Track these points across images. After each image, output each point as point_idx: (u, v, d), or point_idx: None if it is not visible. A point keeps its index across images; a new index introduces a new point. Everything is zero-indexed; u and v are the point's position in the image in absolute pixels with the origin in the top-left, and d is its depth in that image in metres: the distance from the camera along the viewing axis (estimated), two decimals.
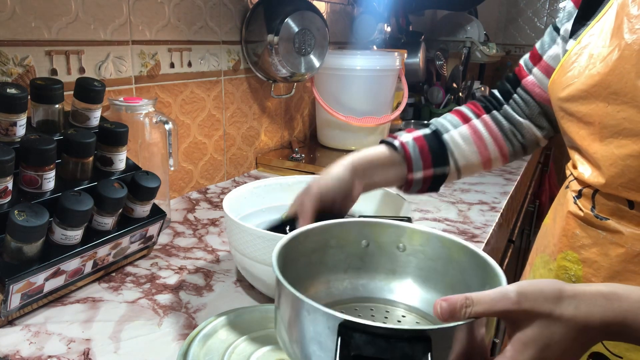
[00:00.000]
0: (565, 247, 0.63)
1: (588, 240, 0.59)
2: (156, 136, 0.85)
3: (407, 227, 0.55)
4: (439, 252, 0.53)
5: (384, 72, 1.35)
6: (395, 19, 1.91)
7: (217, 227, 0.92)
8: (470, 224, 0.96)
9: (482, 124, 0.71)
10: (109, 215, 0.67)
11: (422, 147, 0.67)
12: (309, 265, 0.53)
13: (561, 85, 0.58)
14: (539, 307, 0.37)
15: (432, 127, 0.71)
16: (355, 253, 0.55)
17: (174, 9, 0.97)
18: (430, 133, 0.69)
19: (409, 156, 0.67)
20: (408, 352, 0.35)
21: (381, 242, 0.55)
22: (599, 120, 0.54)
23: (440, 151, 0.68)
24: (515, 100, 0.71)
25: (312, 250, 0.53)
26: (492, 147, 0.71)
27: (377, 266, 0.56)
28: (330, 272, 0.55)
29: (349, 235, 0.55)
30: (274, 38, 1.12)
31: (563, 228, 0.63)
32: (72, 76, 0.81)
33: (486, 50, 2.12)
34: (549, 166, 2.58)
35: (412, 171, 0.67)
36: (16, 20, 0.73)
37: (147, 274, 0.74)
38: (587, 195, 0.59)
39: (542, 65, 0.68)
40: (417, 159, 0.67)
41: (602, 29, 0.54)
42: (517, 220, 1.56)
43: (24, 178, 0.63)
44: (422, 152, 0.67)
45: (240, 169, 1.26)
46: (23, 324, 0.60)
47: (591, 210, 0.58)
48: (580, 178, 0.59)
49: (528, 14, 3.02)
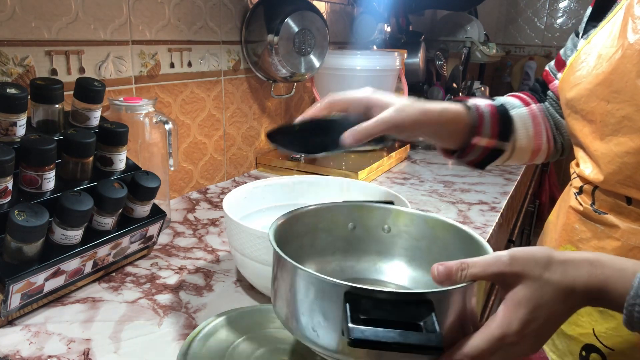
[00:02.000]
0: (564, 241, 0.64)
1: (586, 234, 0.60)
2: (156, 136, 0.85)
3: (392, 209, 0.57)
4: (423, 231, 0.55)
5: (384, 72, 1.35)
6: (395, 19, 1.91)
7: (217, 227, 0.92)
8: (470, 224, 0.96)
9: (539, 111, 0.70)
10: (109, 215, 0.67)
11: (494, 115, 0.64)
12: (301, 249, 0.54)
13: (569, 85, 0.59)
14: (529, 270, 0.40)
15: (499, 102, 0.67)
16: (342, 236, 0.57)
17: (174, 9, 0.97)
18: (500, 106, 0.66)
19: (482, 120, 0.63)
20: (415, 313, 0.37)
21: (367, 225, 0.57)
22: (600, 119, 0.55)
23: (507, 125, 0.66)
24: (549, 102, 0.72)
25: (304, 234, 0.54)
26: (545, 138, 0.69)
27: (364, 248, 0.57)
28: (319, 254, 0.56)
29: (337, 218, 0.56)
30: (274, 38, 1.12)
31: (564, 223, 0.65)
32: (72, 76, 0.81)
33: (486, 50, 2.12)
34: (549, 166, 2.58)
35: (480, 135, 0.63)
36: (16, 20, 0.73)
37: (147, 274, 0.74)
38: (587, 191, 0.60)
39: None
40: (487, 125, 0.63)
41: (611, 30, 0.55)
42: (517, 220, 1.56)
43: (24, 178, 0.63)
44: (492, 120, 0.64)
45: (240, 169, 1.26)
46: (23, 324, 0.60)
47: (591, 205, 0.59)
48: (582, 175, 0.60)
49: (528, 14, 3.02)
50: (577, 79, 0.58)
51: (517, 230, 1.56)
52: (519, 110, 0.67)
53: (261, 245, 0.61)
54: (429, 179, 1.26)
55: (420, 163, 1.41)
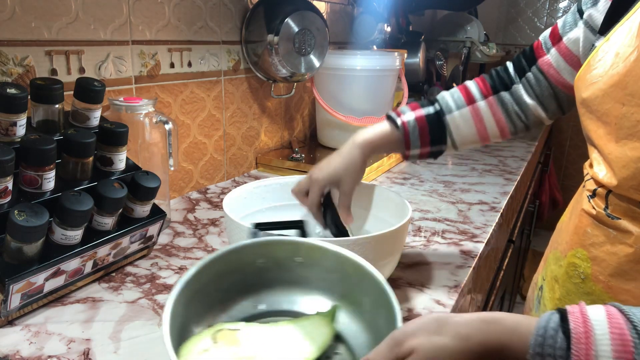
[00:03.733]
0: (576, 245, 0.63)
1: (598, 239, 0.59)
2: (156, 136, 0.85)
3: (303, 243, 0.54)
4: (334, 266, 0.53)
5: (384, 72, 1.35)
6: (395, 19, 1.91)
7: (217, 227, 0.92)
8: (470, 224, 0.96)
9: (487, 106, 0.72)
10: (109, 215, 0.67)
11: (423, 128, 0.71)
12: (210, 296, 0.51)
13: (585, 83, 0.58)
14: (421, 340, 0.41)
15: (437, 107, 0.72)
16: (252, 272, 0.54)
17: (174, 9, 0.97)
18: (433, 114, 0.72)
19: (408, 137, 0.71)
20: None
21: (278, 258, 0.54)
22: (615, 121, 0.53)
23: (439, 132, 0.72)
24: (528, 79, 0.71)
25: (209, 282, 0.50)
26: (493, 129, 0.73)
27: (275, 280, 0.55)
28: (231, 296, 0.53)
29: (245, 258, 0.53)
30: (274, 38, 1.12)
31: (576, 226, 0.64)
32: (72, 76, 0.81)
33: (486, 50, 2.12)
34: (549, 166, 2.58)
35: (410, 149, 0.72)
36: (16, 20, 0.73)
37: (147, 274, 0.74)
38: (600, 195, 0.59)
39: (561, 47, 0.67)
40: (415, 140, 0.71)
41: (631, 28, 0.53)
42: (517, 220, 1.56)
43: (24, 178, 0.63)
44: (421, 134, 0.71)
45: (240, 169, 1.26)
46: (23, 324, 0.60)
47: (604, 209, 0.58)
48: (595, 177, 0.59)
49: (528, 14, 3.02)
50: (593, 77, 0.56)
51: (517, 230, 1.56)
52: (457, 112, 0.72)
53: None
54: (429, 179, 1.26)
55: (420, 163, 1.41)
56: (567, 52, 0.67)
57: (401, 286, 0.72)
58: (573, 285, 0.64)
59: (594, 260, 0.60)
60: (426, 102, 0.74)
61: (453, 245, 0.86)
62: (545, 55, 0.69)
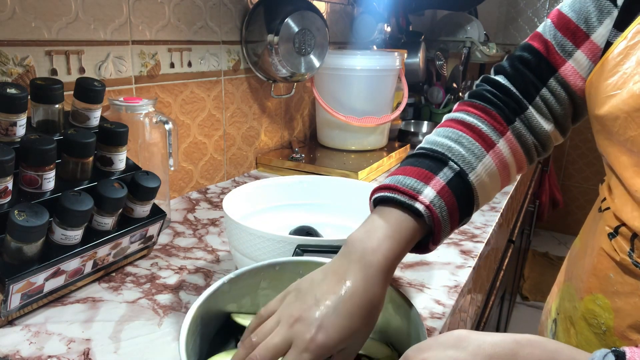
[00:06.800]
0: (595, 289, 0.54)
1: (624, 288, 0.49)
2: (156, 136, 0.85)
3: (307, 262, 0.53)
4: None
5: (384, 72, 1.35)
6: (395, 19, 1.91)
7: (217, 227, 0.92)
8: (470, 223, 0.96)
9: (508, 146, 0.53)
10: (109, 215, 0.67)
11: (451, 205, 0.48)
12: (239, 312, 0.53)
13: (599, 93, 0.47)
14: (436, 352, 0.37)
15: (453, 166, 0.49)
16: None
17: (174, 9, 0.97)
18: (453, 177, 0.49)
19: (440, 227, 0.48)
20: None
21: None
22: None
23: (468, 201, 0.50)
24: (544, 99, 0.54)
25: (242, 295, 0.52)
26: (513, 171, 0.56)
27: None
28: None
29: (282, 276, 0.53)
30: (274, 38, 1.12)
31: (594, 266, 0.54)
32: (72, 76, 0.81)
33: (486, 50, 2.12)
34: (549, 166, 2.58)
35: (439, 242, 0.50)
36: (16, 20, 0.73)
37: (147, 274, 0.74)
38: (625, 236, 0.49)
39: (589, 47, 0.51)
40: (445, 226, 0.48)
41: None
42: (517, 220, 1.56)
43: (24, 178, 0.63)
44: (450, 213, 0.48)
45: (240, 169, 1.26)
46: (23, 324, 0.60)
47: (628, 254, 0.48)
48: (617, 213, 0.49)
49: (528, 14, 3.02)
50: (610, 87, 0.45)
51: (517, 230, 1.56)
52: (481, 167, 0.50)
53: (261, 245, 0.61)
54: None
55: None
56: (598, 53, 0.51)
57: (401, 286, 0.72)
58: (593, 336, 0.55)
59: (618, 313, 0.51)
60: (427, 161, 0.50)
61: (453, 245, 0.87)
62: (566, 62, 0.52)
